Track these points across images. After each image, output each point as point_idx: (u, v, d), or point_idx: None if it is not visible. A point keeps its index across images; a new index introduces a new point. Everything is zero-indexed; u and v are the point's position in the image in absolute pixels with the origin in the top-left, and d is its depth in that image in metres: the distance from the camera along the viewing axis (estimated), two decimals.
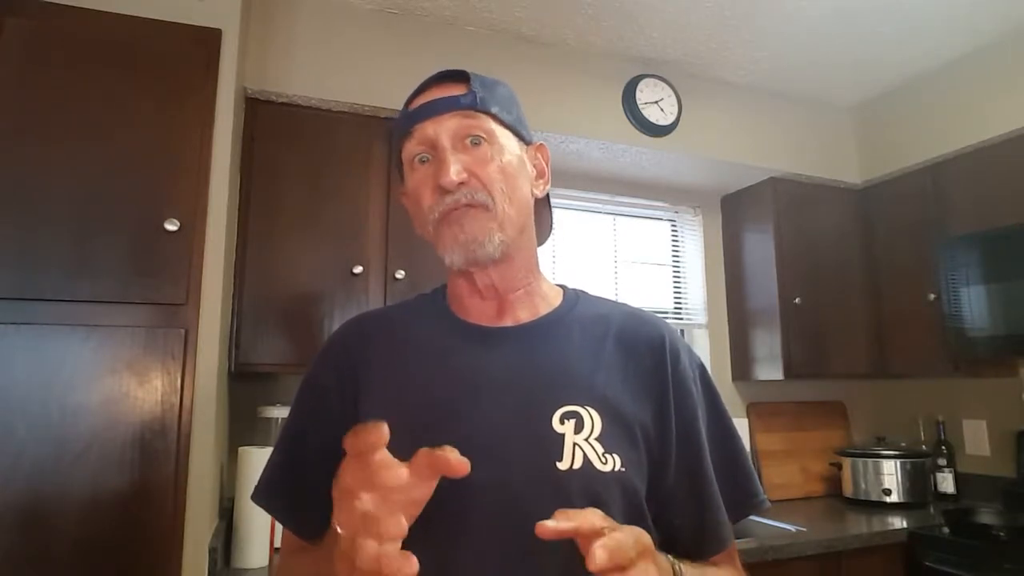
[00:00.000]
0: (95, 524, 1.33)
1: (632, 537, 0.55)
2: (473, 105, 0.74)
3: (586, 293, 0.86)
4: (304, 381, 0.81)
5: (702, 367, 0.82)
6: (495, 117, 0.75)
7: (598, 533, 0.52)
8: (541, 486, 0.67)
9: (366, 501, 0.50)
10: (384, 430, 0.50)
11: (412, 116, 0.75)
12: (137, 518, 1.36)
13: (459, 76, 0.76)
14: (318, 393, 0.79)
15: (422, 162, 0.75)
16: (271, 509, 0.78)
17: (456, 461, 0.50)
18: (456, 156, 0.72)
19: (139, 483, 1.37)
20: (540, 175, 0.82)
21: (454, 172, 0.71)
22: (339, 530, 0.51)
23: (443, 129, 0.73)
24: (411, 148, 0.75)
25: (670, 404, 0.75)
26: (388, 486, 0.50)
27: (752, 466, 0.80)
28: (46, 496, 1.31)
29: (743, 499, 0.78)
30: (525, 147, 0.80)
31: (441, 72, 0.78)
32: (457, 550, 0.66)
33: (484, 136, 0.74)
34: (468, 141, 0.74)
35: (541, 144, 0.83)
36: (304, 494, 0.76)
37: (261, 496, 0.78)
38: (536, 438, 0.69)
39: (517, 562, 0.65)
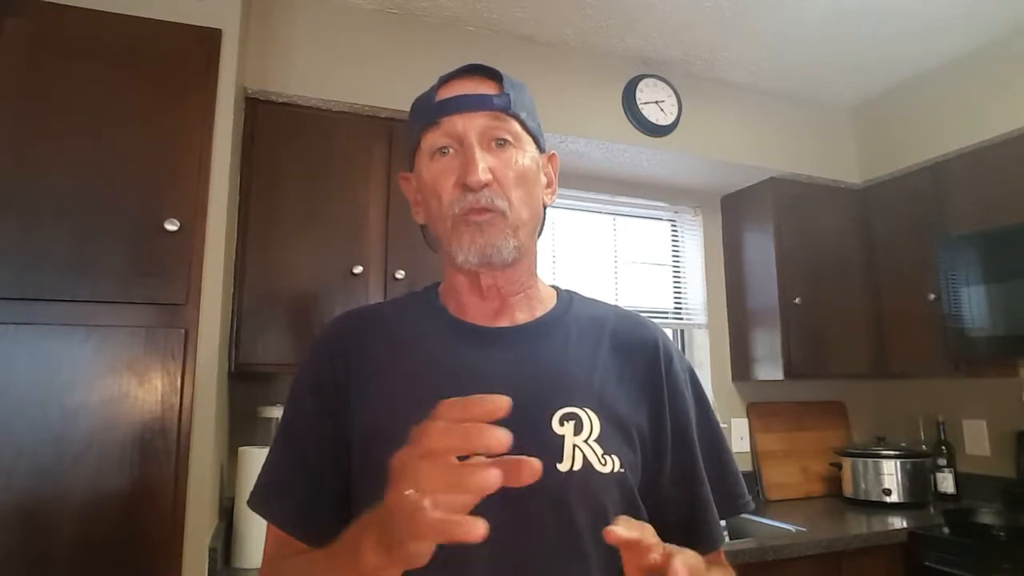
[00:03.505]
0: (95, 524, 1.33)
1: (696, 559, 0.57)
2: (506, 108, 0.74)
3: (579, 294, 0.86)
4: (296, 379, 0.79)
5: (691, 370, 0.84)
6: (522, 122, 0.76)
7: (653, 549, 0.55)
8: (540, 488, 0.67)
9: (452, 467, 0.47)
10: (506, 404, 0.48)
11: (441, 107, 0.74)
12: (137, 518, 1.36)
13: (491, 73, 0.77)
14: (311, 392, 0.77)
15: (443, 154, 0.75)
16: (268, 514, 0.75)
17: (528, 466, 0.48)
18: (483, 155, 0.72)
19: (139, 483, 1.37)
20: (549, 184, 0.83)
21: (481, 171, 0.71)
22: (410, 492, 0.47)
23: (472, 126, 0.73)
24: (435, 138, 0.75)
25: (664, 405, 0.77)
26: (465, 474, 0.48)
27: (738, 467, 0.82)
28: (46, 496, 1.30)
29: (729, 499, 0.79)
30: (539, 155, 0.80)
31: (472, 65, 0.77)
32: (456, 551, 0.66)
33: (511, 139, 0.74)
34: (494, 142, 0.74)
35: (553, 154, 0.84)
36: (306, 495, 0.74)
37: (257, 502, 0.75)
38: (536, 440, 0.69)
39: (515, 562, 0.65)
